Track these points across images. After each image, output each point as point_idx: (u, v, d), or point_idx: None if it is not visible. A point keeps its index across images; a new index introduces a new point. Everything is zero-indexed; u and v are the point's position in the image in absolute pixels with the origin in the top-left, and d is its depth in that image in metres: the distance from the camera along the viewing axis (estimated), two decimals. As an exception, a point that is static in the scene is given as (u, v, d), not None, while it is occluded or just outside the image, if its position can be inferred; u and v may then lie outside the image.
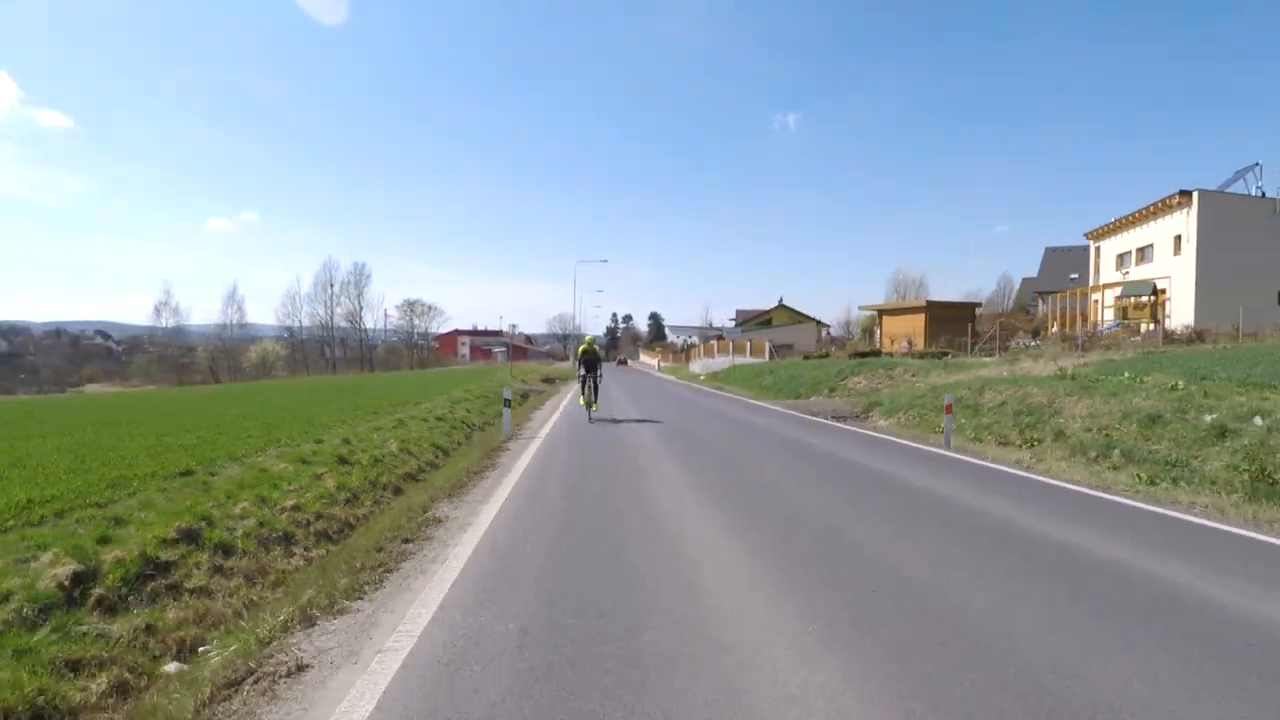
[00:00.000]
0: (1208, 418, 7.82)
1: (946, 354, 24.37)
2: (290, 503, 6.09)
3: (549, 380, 36.37)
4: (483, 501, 6.85)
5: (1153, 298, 28.59)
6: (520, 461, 9.39)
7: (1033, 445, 9.47)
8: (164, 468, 7.11)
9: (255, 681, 3.14)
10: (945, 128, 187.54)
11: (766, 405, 20.02)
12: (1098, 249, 41.09)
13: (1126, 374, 12.22)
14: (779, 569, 4.47)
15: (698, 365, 50.78)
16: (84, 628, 3.50)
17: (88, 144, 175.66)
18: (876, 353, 30.08)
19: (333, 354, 68.09)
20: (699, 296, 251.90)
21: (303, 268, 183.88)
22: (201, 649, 3.68)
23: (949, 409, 10.46)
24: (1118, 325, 28.37)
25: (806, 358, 34.32)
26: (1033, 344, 26.03)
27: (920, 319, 34.98)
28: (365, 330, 73.05)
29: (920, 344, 30.11)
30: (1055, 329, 34.31)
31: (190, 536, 4.79)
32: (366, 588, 4.35)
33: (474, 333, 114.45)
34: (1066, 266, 53.04)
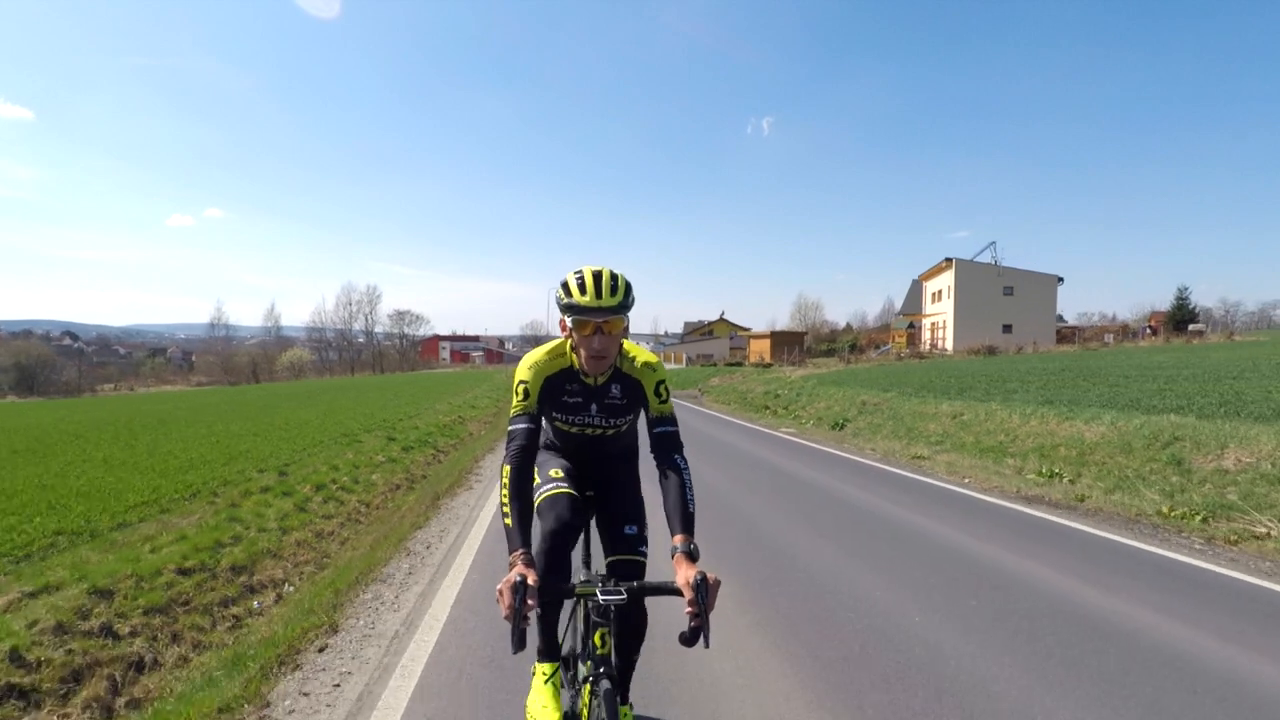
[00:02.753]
0: (775, 388, 22.84)
1: (770, 365, 39.16)
2: (481, 406, 20.67)
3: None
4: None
5: (911, 330, 44.43)
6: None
7: (733, 404, 24.40)
8: (436, 396, 21.44)
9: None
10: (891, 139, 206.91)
11: (662, 393, 34.77)
12: (923, 287, 57.44)
13: (816, 378, 27.18)
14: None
15: (642, 369, 65.79)
16: (462, 426, 18.17)
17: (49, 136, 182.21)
18: (740, 364, 45.21)
19: (352, 358, 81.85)
20: (688, 298, 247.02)
21: (273, 265, 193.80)
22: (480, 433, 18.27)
23: (700, 390, 25.35)
24: (889, 348, 44.14)
25: (702, 366, 49.49)
26: (831, 358, 41.44)
27: (768, 341, 50.73)
28: (378, 339, 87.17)
29: (767, 358, 45.18)
30: (891, 346, 50.08)
31: (469, 408, 19.40)
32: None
33: (453, 338, 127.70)
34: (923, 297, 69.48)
